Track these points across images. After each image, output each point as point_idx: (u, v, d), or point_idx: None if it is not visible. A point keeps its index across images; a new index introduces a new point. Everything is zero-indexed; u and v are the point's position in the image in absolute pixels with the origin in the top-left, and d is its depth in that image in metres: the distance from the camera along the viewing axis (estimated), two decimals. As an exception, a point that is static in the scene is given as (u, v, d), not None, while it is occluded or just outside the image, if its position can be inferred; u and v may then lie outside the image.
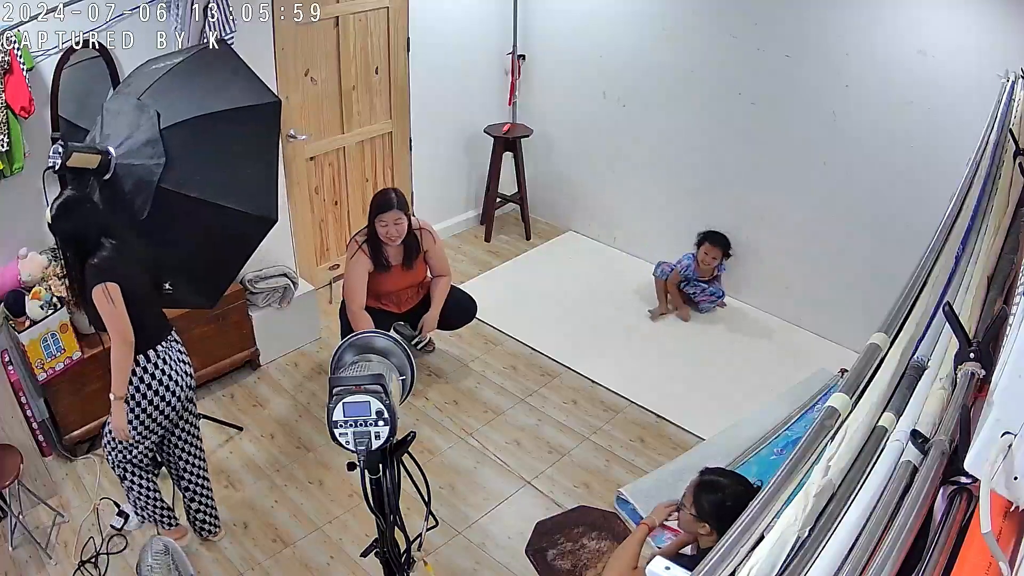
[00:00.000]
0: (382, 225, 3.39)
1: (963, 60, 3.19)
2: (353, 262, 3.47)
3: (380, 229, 3.40)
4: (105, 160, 2.37)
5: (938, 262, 1.56)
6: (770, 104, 3.91)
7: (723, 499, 2.17)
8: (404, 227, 3.42)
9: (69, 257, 2.37)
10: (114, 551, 2.84)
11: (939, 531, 0.94)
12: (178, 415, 2.61)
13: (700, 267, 4.19)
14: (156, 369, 2.45)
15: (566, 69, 4.77)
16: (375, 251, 3.47)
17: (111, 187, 2.41)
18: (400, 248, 3.51)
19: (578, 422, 3.54)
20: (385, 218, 3.38)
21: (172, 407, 2.52)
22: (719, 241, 4.15)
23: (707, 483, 2.25)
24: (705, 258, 4.16)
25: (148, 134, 2.39)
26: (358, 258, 3.46)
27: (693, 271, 4.20)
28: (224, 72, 2.73)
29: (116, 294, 2.30)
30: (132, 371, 2.40)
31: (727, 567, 0.88)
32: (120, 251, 2.36)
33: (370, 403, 1.66)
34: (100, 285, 2.28)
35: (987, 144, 2.09)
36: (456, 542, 2.93)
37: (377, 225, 3.40)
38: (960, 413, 1.03)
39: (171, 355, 2.52)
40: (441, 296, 3.67)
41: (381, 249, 3.47)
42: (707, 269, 4.20)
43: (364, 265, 3.46)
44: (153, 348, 2.45)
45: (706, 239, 4.17)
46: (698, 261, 4.18)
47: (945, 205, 1.79)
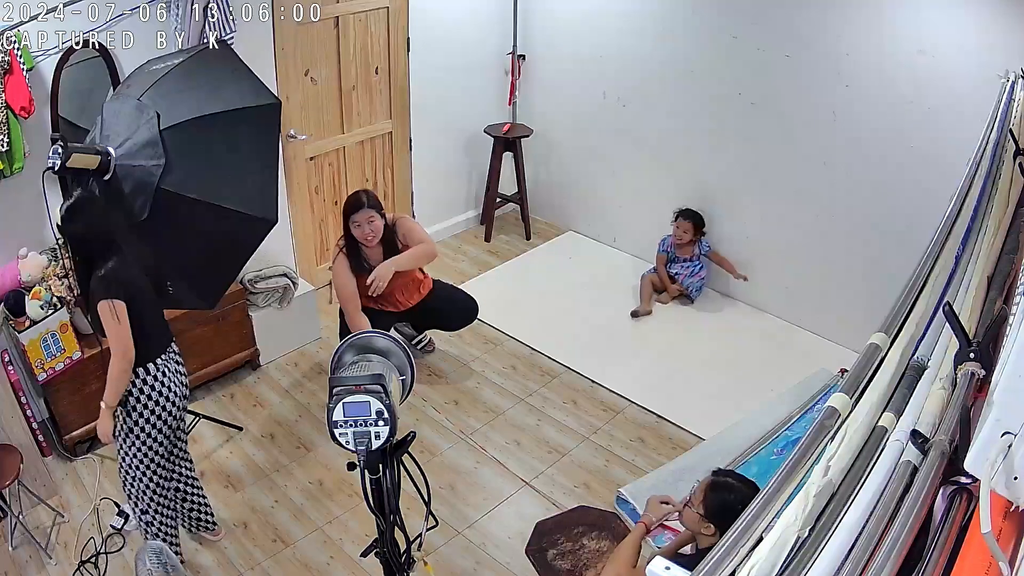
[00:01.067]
0: (356, 226, 3.36)
1: (963, 60, 3.19)
2: (337, 267, 3.46)
3: (355, 231, 3.37)
4: (105, 161, 2.36)
5: (938, 262, 1.56)
6: (770, 104, 3.91)
7: (733, 501, 2.16)
8: (379, 226, 3.37)
9: (78, 261, 2.36)
10: (113, 550, 2.85)
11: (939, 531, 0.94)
12: (177, 422, 2.61)
13: (675, 242, 4.34)
14: (156, 381, 2.43)
15: (566, 69, 4.77)
16: (355, 256, 3.45)
17: (111, 188, 2.41)
18: (379, 248, 3.45)
19: (578, 422, 3.54)
20: (358, 218, 3.34)
21: (172, 415, 2.51)
22: (690, 215, 4.30)
23: (719, 484, 2.24)
24: (677, 231, 4.31)
25: (148, 135, 2.39)
26: (340, 262, 3.44)
27: (671, 245, 4.37)
28: (224, 73, 2.73)
29: (122, 312, 2.29)
30: (132, 382, 2.39)
31: (727, 567, 0.88)
32: (125, 259, 2.35)
33: (370, 403, 1.66)
34: (107, 301, 2.27)
35: (987, 144, 2.09)
36: (456, 542, 2.93)
37: (352, 227, 3.37)
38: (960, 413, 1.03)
39: (169, 367, 2.49)
40: (410, 254, 3.46)
41: (360, 252, 3.45)
42: (681, 245, 4.33)
43: (347, 268, 3.44)
44: (153, 361, 2.43)
45: (679, 215, 4.34)
46: (673, 238, 4.35)
47: (945, 205, 1.78)
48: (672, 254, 4.41)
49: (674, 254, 4.40)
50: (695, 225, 4.30)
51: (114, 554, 2.84)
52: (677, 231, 4.32)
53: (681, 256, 4.38)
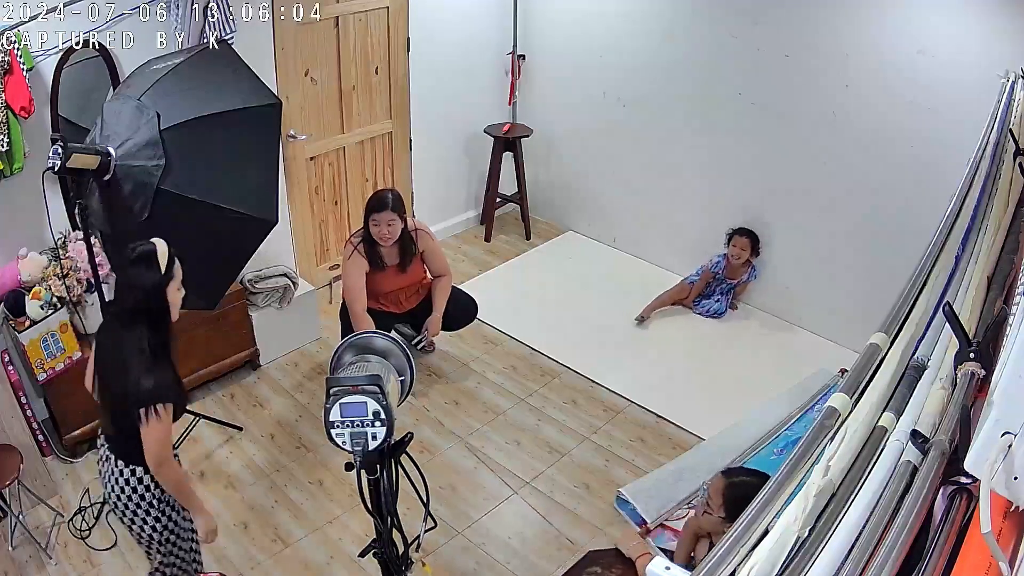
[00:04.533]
0: (375, 225, 3.38)
1: (963, 60, 3.19)
2: (350, 263, 3.48)
3: (373, 229, 3.40)
4: (105, 161, 2.36)
5: (938, 262, 1.56)
6: (770, 104, 3.90)
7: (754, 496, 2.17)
8: (397, 229, 3.41)
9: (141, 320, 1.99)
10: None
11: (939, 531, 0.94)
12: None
13: (730, 262, 4.18)
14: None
15: (566, 69, 4.77)
16: (370, 251, 3.47)
17: (111, 189, 2.41)
18: (395, 249, 3.50)
19: (578, 422, 3.54)
20: (378, 218, 3.37)
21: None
22: (746, 233, 4.15)
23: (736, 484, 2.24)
24: (734, 250, 4.15)
25: (148, 135, 2.39)
26: (354, 259, 3.46)
27: (723, 268, 4.21)
28: (224, 73, 2.73)
29: (168, 414, 1.99)
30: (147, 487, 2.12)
31: (727, 567, 0.88)
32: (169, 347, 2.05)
33: (367, 404, 1.66)
34: (158, 405, 1.95)
35: (987, 144, 2.09)
36: (456, 542, 2.93)
37: (370, 225, 3.40)
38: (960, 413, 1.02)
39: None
40: (443, 297, 3.67)
41: (376, 249, 3.47)
42: (736, 265, 4.18)
43: (360, 266, 3.46)
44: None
45: (735, 232, 4.17)
46: (728, 258, 4.19)
47: (945, 205, 1.78)
48: (722, 276, 4.22)
49: (723, 276, 4.22)
50: (752, 243, 4.12)
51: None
52: (734, 250, 4.12)
53: (730, 278, 4.21)
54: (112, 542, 2.87)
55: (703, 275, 4.27)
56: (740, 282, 4.25)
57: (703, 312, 4.29)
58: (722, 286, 4.27)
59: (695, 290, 4.30)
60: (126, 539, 2.89)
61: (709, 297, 4.30)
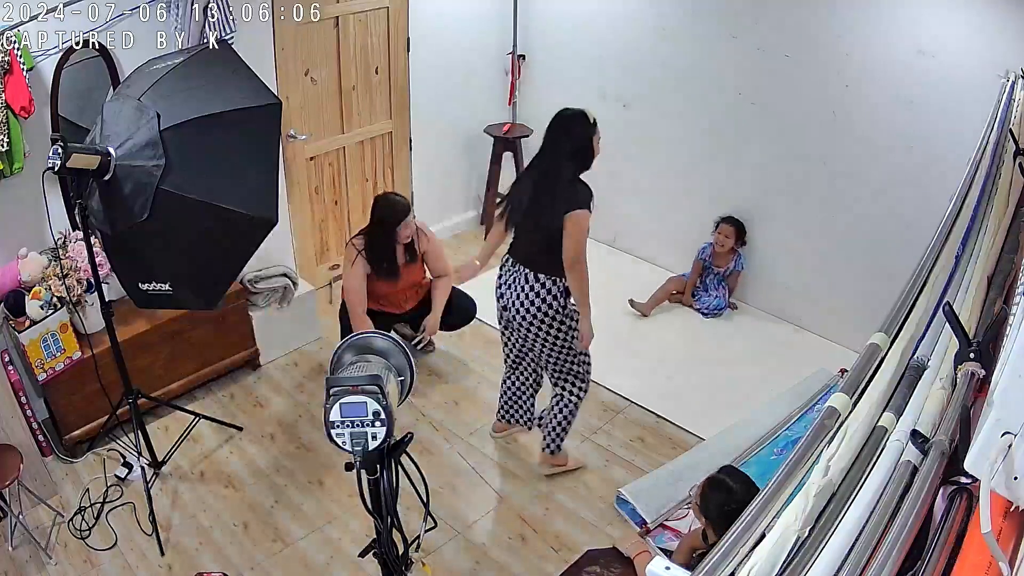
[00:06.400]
0: (405, 227, 3.46)
1: (963, 60, 3.19)
2: (352, 267, 3.48)
3: (403, 231, 3.45)
4: (105, 161, 2.36)
5: (938, 262, 1.56)
6: (770, 104, 3.90)
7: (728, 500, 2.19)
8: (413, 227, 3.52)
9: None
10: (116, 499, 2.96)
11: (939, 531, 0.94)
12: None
13: (715, 250, 4.23)
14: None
15: (566, 69, 4.76)
16: (377, 256, 3.48)
17: (111, 189, 2.41)
18: (402, 247, 3.54)
19: (578, 422, 3.52)
20: (409, 221, 3.47)
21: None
22: (732, 221, 4.18)
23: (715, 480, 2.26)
24: (719, 237, 4.19)
25: (148, 136, 2.39)
26: (357, 262, 3.47)
27: (709, 254, 4.26)
28: (224, 73, 2.73)
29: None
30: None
31: (727, 567, 0.88)
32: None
33: (367, 404, 1.66)
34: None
35: (987, 144, 2.09)
36: (456, 542, 2.93)
37: (401, 228, 3.45)
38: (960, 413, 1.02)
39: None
40: (442, 298, 3.68)
41: (386, 253, 3.49)
42: (722, 252, 4.22)
43: (363, 269, 3.48)
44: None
45: (722, 220, 4.21)
46: (713, 246, 4.24)
47: (945, 205, 1.78)
48: (709, 263, 4.29)
49: (710, 263, 4.28)
50: (737, 232, 4.17)
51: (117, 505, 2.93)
52: (719, 237, 4.19)
53: (717, 266, 4.27)
54: (112, 542, 2.87)
55: (694, 265, 4.34)
56: (728, 270, 4.28)
57: (703, 308, 4.31)
58: (711, 276, 4.32)
59: (690, 282, 4.35)
60: (126, 539, 2.90)
61: (706, 291, 4.33)
